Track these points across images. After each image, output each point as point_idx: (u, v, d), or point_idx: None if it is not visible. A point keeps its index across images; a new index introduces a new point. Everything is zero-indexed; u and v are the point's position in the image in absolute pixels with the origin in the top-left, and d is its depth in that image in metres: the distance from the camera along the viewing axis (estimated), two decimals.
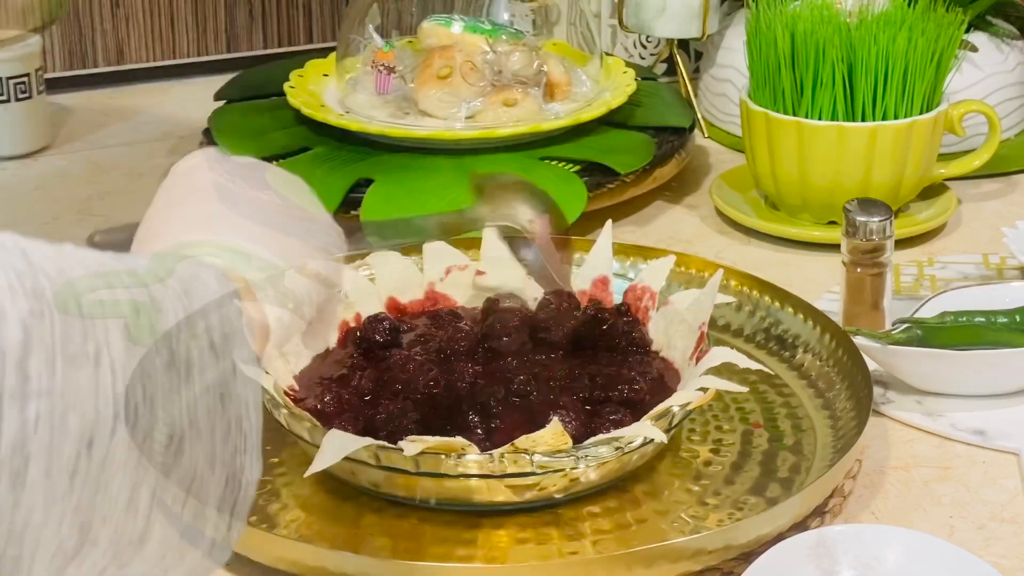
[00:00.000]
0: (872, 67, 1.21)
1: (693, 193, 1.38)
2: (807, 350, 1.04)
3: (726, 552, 0.83)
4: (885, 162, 1.23)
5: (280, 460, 0.93)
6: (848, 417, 0.96)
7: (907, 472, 0.94)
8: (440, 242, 1.06)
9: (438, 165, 1.29)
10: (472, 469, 0.84)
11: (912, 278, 1.19)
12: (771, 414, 0.98)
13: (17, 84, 1.43)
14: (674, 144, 1.36)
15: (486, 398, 0.90)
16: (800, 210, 1.27)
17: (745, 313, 1.08)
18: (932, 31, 1.21)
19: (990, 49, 1.43)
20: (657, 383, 0.94)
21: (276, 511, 0.88)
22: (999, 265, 1.21)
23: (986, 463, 0.95)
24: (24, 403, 0.45)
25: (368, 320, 0.99)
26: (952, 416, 0.99)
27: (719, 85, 1.51)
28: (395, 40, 1.41)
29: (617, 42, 1.62)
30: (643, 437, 0.86)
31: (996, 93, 1.43)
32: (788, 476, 0.91)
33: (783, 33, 1.23)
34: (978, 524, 0.89)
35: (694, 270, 1.10)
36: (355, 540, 0.85)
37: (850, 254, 1.05)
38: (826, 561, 0.80)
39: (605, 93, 1.39)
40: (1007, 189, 1.38)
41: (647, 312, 0.99)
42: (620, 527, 0.86)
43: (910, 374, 1.01)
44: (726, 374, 0.92)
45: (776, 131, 1.24)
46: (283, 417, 0.88)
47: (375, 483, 0.87)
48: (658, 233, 1.29)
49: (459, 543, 0.85)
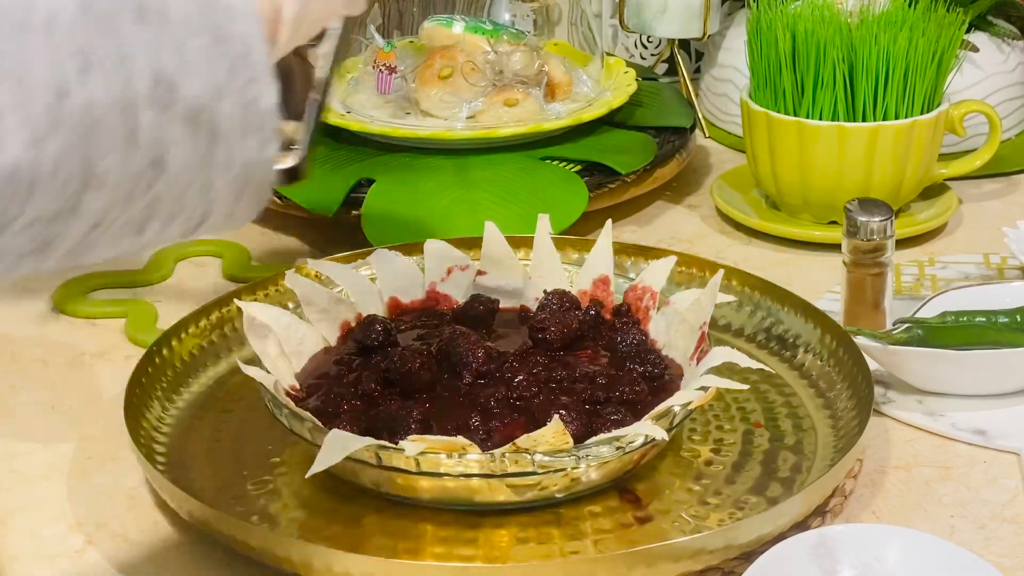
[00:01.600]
0: (873, 67, 1.21)
1: (694, 193, 1.38)
2: (808, 350, 1.04)
3: (727, 552, 0.83)
4: (886, 162, 1.23)
5: (281, 460, 0.93)
6: (849, 417, 0.96)
7: (908, 472, 0.94)
8: (441, 242, 1.06)
9: (439, 165, 1.29)
10: (473, 469, 0.84)
11: (913, 278, 1.19)
12: (772, 414, 0.98)
13: None
14: (675, 144, 1.36)
15: (486, 398, 0.90)
16: (801, 210, 1.27)
17: (746, 313, 1.08)
18: (933, 31, 1.22)
19: (991, 49, 1.43)
20: (658, 383, 0.94)
21: (277, 510, 0.88)
22: (1000, 265, 1.21)
23: (987, 463, 0.95)
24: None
25: (361, 323, 0.99)
26: (953, 416, 0.99)
27: (720, 85, 1.51)
28: (396, 40, 1.41)
29: (618, 42, 1.62)
30: (644, 436, 0.86)
31: (997, 93, 1.43)
32: (789, 476, 0.91)
33: (784, 33, 1.23)
34: (979, 524, 0.89)
35: (695, 270, 1.10)
36: (356, 540, 0.85)
37: (851, 254, 1.05)
38: (827, 561, 0.80)
39: (606, 93, 1.39)
40: (1008, 189, 1.38)
41: (648, 312, 0.99)
42: (621, 527, 0.86)
43: (911, 374, 1.01)
44: (727, 374, 0.92)
45: (777, 131, 1.24)
46: (284, 417, 0.88)
47: (376, 483, 0.87)
48: (659, 233, 1.29)
49: (460, 543, 0.85)
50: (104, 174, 0.58)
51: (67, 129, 0.56)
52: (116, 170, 0.58)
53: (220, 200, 0.63)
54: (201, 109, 0.60)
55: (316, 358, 0.97)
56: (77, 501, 0.92)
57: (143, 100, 0.58)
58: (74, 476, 0.94)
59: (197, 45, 0.60)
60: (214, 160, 0.62)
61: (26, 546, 0.88)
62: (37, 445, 0.98)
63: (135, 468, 0.94)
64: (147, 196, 0.61)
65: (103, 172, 0.58)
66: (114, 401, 0.97)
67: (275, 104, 0.63)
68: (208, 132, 0.61)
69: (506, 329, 1.01)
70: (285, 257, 1.23)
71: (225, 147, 0.62)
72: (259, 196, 0.65)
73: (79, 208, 0.58)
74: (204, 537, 0.86)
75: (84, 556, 0.87)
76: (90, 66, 0.56)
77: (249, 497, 0.90)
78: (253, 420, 0.97)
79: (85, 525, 0.89)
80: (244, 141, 0.62)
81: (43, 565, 0.86)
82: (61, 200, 0.57)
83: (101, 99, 0.57)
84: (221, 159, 0.62)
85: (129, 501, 0.92)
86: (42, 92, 0.55)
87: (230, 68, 0.61)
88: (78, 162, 0.57)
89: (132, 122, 0.58)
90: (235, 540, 0.84)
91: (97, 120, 0.57)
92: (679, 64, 1.51)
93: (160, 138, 0.59)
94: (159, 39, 0.58)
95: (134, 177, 0.59)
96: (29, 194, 0.56)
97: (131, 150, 0.58)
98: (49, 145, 0.55)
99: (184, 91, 0.59)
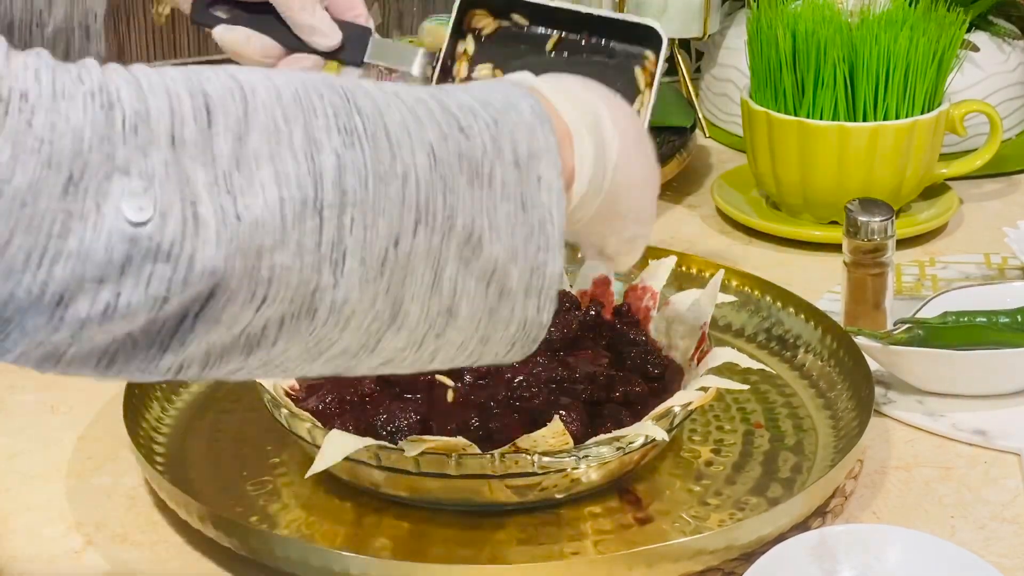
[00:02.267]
0: (873, 67, 1.21)
1: (694, 193, 1.38)
2: (808, 350, 1.04)
3: (727, 552, 0.83)
4: (886, 162, 1.23)
5: (281, 460, 0.93)
6: (849, 417, 0.96)
7: (908, 472, 0.94)
8: None
9: None
10: (473, 469, 0.84)
11: (913, 278, 1.19)
12: (772, 414, 0.98)
13: None
14: (675, 144, 1.36)
15: (486, 398, 0.90)
16: (801, 210, 1.27)
17: (746, 313, 1.08)
18: (933, 31, 1.21)
19: (991, 49, 1.43)
20: (658, 383, 0.94)
21: (277, 511, 0.88)
22: (1000, 265, 1.21)
23: (987, 463, 0.95)
24: (341, 211, 0.58)
25: None
26: (953, 416, 0.99)
27: (720, 85, 1.51)
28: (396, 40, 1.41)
29: None
30: (644, 437, 0.86)
31: (997, 93, 1.43)
32: (789, 476, 0.91)
33: (784, 33, 1.23)
34: (979, 524, 0.89)
35: (695, 270, 1.10)
36: (356, 540, 0.85)
37: (851, 254, 1.05)
38: (827, 561, 0.80)
39: None
40: (1008, 189, 1.38)
41: (648, 312, 0.99)
42: (621, 527, 0.86)
43: (911, 374, 1.01)
44: (727, 374, 0.92)
45: (777, 131, 1.24)
46: (284, 417, 0.88)
47: (376, 483, 0.87)
48: (659, 233, 1.29)
49: (460, 543, 0.85)
50: (406, 316, 0.64)
51: (390, 272, 0.61)
52: (416, 314, 0.64)
53: (492, 351, 0.69)
54: (497, 268, 0.65)
55: None
56: (77, 501, 0.92)
57: (453, 253, 0.63)
58: (74, 476, 0.94)
59: (506, 210, 0.65)
60: (498, 315, 0.67)
61: (26, 546, 0.88)
62: (37, 445, 0.98)
63: (135, 468, 0.94)
64: (437, 341, 0.66)
65: (406, 314, 0.63)
66: (114, 401, 0.97)
67: (559, 272, 0.68)
68: (498, 289, 0.66)
69: None
70: None
71: (509, 305, 0.67)
72: (525, 351, 0.70)
73: (379, 346, 0.64)
74: (204, 537, 0.86)
75: (84, 557, 0.87)
76: (422, 221, 0.62)
77: (249, 497, 0.90)
78: (253, 420, 0.97)
79: (85, 525, 0.89)
80: (526, 301, 0.67)
81: (43, 565, 0.86)
82: (366, 336, 0.63)
83: (422, 250, 0.62)
84: (503, 315, 0.67)
85: (129, 501, 0.92)
86: (383, 239, 0.61)
87: (528, 234, 0.66)
88: (390, 302, 0.62)
89: (440, 271, 0.63)
90: (235, 540, 0.84)
91: (414, 267, 0.62)
92: (679, 64, 1.50)
93: (458, 289, 0.65)
94: (481, 201, 0.64)
95: (430, 321, 0.65)
96: (343, 328, 0.61)
97: (434, 296, 0.64)
98: (372, 287, 0.61)
99: (487, 251, 0.64)
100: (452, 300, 0.64)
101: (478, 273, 0.65)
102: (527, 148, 0.66)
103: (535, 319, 0.68)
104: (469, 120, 0.65)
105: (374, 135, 0.60)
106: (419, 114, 0.63)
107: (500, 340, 0.68)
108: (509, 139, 0.65)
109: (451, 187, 0.63)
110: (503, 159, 0.65)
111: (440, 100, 0.65)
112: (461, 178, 0.63)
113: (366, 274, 0.60)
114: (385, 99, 0.63)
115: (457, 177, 0.63)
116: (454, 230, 0.63)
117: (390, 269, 0.61)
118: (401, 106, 0.63)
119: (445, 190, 0.62)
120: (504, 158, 0.65)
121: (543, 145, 0.66)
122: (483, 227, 0.64)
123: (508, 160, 0.65)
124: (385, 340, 0.64)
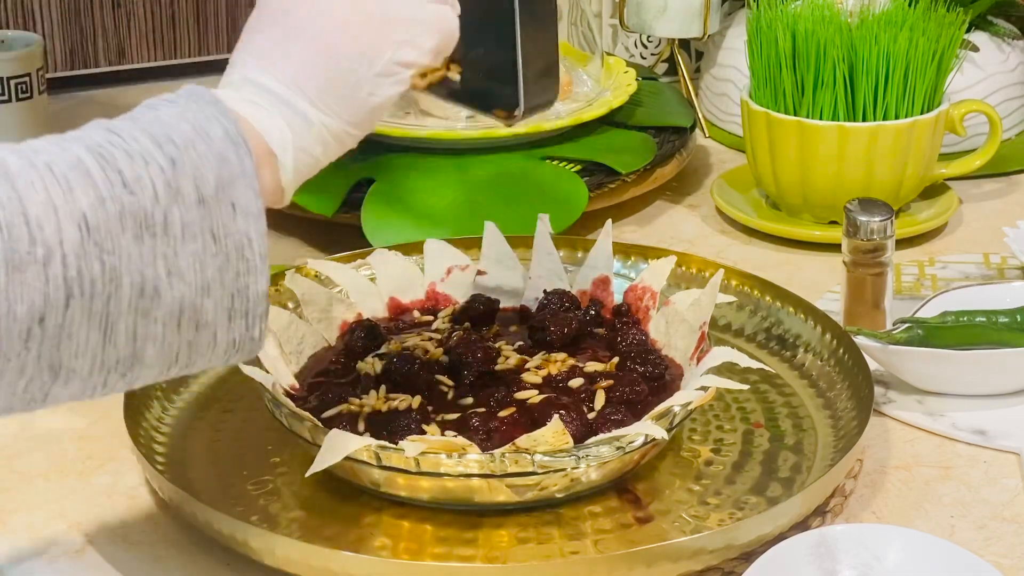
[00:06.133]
0: (873, 67, 1.21)
1: (694, 193, 1.38)
2: (808, 350, 1.04)
3: (727, 552, 0.83)
4: (886, 162, 1.23)
5: (281, 460, 0.93)
6: (849, 417, 0.96)
7: (908, 472, 0.94)
8: (440, 242, 1.06)
9: (438, 165, 1.29)
10: (473, 469, 0.84)
11: (913, 278, 1.19)
12: (772, 414, 0.98)
13: (18, 84, 1.43)
14: (675, 144, 1.36)
15: (486, 398, 0.90)
16: (801, 210, 1.27)
17: (746, 313, 1.08)
18: (933, 31, 1.22)
19: (991, 49, 1.43)
20: (658, 383, 0.94)
21: (277, 511, 0.88)
22: (1000, 265, 1.21)
23: (987, 463, 0.95)
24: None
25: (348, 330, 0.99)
26: (953, 416, 0.99)
27: (720, 85, 1.51)
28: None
29: (618, 42, 1.62)
30: (644, 436, 0.86)
31: (997, 93, 1.43)
32: (789, 476, 0.91)
33: (784, 33, 1.23)
34: (979, 524, 0.89)
35: (695, 270, 1.10)
36: (356, 540, 0.85)
37: (851, 254, 1.05)
38: (827, 561, 0.80)
39: (606, 93, 1.39)
40: (1008, 189, 1.38)
41: (648, 312, 0.99)
42: (621, 527, 0.86)
43: (911, 374, 1.01)
44: (727, 374, 0.92)
45: (777, 131, 1.24)
46: (284, 417, 0.88)
47: (376, 483, 0.87)
48: (659, 233, 1.29)
49: (460, 543, 0.85)
50: (71, 372, 0.65)
51: (37, 345, 0.63)
52: (87, 367, 0.65)
53: (203, 366, 0.70)
54: (184, 308, 0.67)
55: (316, 357, 0.97)
56: (77, 501, 0.92)
57: (125, 309, 0.65)
58: (74, 476, 0.94)
59: (192, 249, 0.66)
60: (198, 345, 0.68)
61: (26, 546, 0.88)
62: (37, 445, 0.98)
63: (135, 468, 0.94)
64: (127, 378, 0.67)
65: (71, 370, 0.65)
66: (114, 401, 0.97)
67: (264, 290, 0.69)
68: (192, 324, 0.67)
69: (506, 329, 1.01)
70: (285, 257, 1.23)
71: (209, 333, 0.68)
72: (245, 358, 0.72)
73: (48, 396, 0.66)
74: (204, 537, 0.86)
75: (84, 556, 0.87)
76: (74, 294, 0.63)
77: (249, 497, 0.90)
78: (253, 420, 0.97)
79: (85, 525, 0.89)
80: (231, 325, 0.68)
81: (43, 565, 0.86)
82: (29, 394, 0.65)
83: (78, 318, 0.64)
84: (204, 343, 0.68)
85: (129, 501, 0.92)
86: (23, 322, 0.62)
87: (223, 264, 0.67)
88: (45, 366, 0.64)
89: (111, 328, 0.65)
90: (235, 540, 0.84)
91: (71, 334, 0.64)
92: (679, 64, 1.51)
93: (138, 336, 0.66)
94: (153, 252, 0.65)
95: (107, 368, 0.66)
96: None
97: (108, 349, 0.65)
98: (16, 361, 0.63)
99: (167, 296, 0.66)
100: (133, 347, 0.66)
101: (164, 318, 0.66)
102: (215, 180, 0.67)
103: (245, 336, 0.69)
104: (138, 171, 0.65)
105: (9, 224, 0.61)
106: (72, 183, 0.63)
107: (210, 360, 0.70)
108: (191, 178, 0.66)
109: (110, 250, 0.64)
110: (182, 201, 0.66)
111: (105, 156, 0.65)
112: (124, 237, 0.64)
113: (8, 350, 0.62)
114: (29, 178, 0.63)
115: (118, 238, 0.64)
116: (120, 289, 0.64)
117: (37, 343, 0.63)
118: (51, 181, 0.63)
119: (102, 255, 0.63)
120: (184, 200, 0.66)
121: (237, 171, 0.67)
122: (158, 276, 0.65)
123: (190, 201, 0.66)
124: (53, 392, 0.65)
